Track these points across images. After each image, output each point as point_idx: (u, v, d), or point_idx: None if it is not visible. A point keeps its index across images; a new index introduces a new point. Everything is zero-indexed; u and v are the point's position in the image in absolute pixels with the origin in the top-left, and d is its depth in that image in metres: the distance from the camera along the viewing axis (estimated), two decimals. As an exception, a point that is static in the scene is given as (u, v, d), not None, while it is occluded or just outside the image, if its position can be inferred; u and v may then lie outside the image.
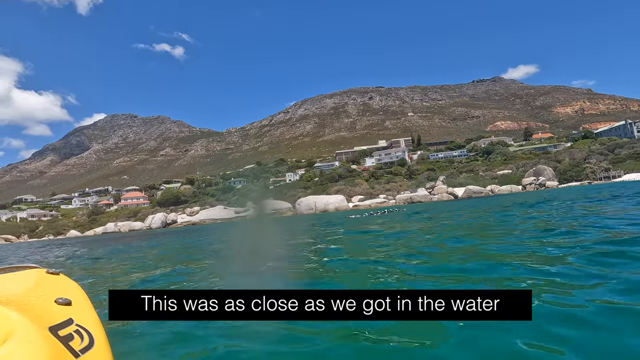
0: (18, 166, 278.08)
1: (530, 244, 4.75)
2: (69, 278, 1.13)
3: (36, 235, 61.65)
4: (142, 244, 14.85)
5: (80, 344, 0.77)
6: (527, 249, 4.40)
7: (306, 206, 46.12)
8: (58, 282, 1.07)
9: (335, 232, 11.04)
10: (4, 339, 0.63)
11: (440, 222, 10.67)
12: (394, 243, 6.57)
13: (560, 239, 4.89)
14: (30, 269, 1.13)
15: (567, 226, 6.11)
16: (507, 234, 6.22)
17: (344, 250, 6.44)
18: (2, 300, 0.76)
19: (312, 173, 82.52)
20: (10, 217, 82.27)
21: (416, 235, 7.80)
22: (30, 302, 0.83)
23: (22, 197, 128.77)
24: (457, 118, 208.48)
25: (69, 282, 1.10)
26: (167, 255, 9.27)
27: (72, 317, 0.83)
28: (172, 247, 11.69)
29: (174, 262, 6.94)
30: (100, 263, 8.63)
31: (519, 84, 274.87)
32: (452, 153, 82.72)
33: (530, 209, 11.49)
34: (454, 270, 3.68)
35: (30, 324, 0.69)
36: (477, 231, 7.49)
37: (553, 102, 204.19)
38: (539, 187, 46.14)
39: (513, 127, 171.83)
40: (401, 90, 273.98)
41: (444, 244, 5.71)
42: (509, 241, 5.27)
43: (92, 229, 59.65)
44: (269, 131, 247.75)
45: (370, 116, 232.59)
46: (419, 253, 5.09)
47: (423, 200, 45.09)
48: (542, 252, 4.13)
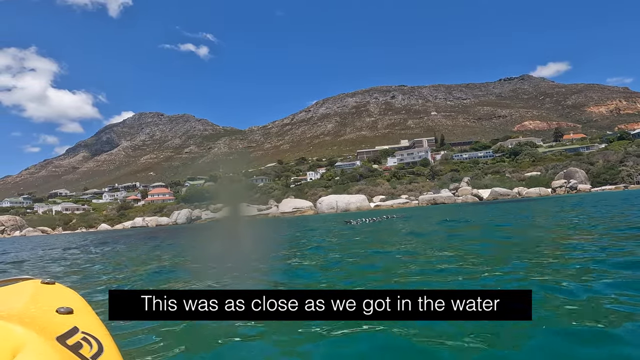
0: (53, 162, 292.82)
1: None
2: (65, 286, 1.11)
3: (69, 228, 64.84)
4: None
5: (90, 351, 0.75)
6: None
7: (327, 205, 46.23)
8: (55, 291, 1.06)
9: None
10: (13, 354, 0.62)
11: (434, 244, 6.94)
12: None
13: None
14: (24, 280, 1.11)
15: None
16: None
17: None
18: (3, 315, 0.74)
19: (333, 172, 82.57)
20: (47, 209, 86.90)
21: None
22: (32, 314, 0.82)
23: (57, 191, 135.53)
24: (483, 117, 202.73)
25: (66, 291, 1.08)
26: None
27: (76, 325, 0.82)
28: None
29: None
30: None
31: (549, 82, 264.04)
32: (477, 153, 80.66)
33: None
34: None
35: (37, 336, 0.67)
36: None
37: (586, 101, 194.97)
38: (570, 191, 44.33)
39: (542, 127, 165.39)
40: (424, 89, 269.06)
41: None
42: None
43: (121, 222, 62.13)
44: (291, 130, 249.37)
45: (392, 115, 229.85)
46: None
47: (447, 201, 44.28)
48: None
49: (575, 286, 2.95)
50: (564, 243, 5.70)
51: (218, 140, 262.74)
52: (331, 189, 64.03)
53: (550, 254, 4.64)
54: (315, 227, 16.45)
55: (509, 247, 5.76)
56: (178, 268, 6.14)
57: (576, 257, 4.29)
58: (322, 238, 10.49)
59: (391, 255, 5.68)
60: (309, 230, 14.27)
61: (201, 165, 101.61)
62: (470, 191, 47.57)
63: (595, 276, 3.24)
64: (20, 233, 57.08)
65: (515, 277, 3.58)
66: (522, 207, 19.52)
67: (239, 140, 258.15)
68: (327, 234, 11.71)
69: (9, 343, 0.64)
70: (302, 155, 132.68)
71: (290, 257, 6.39)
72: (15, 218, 62.66)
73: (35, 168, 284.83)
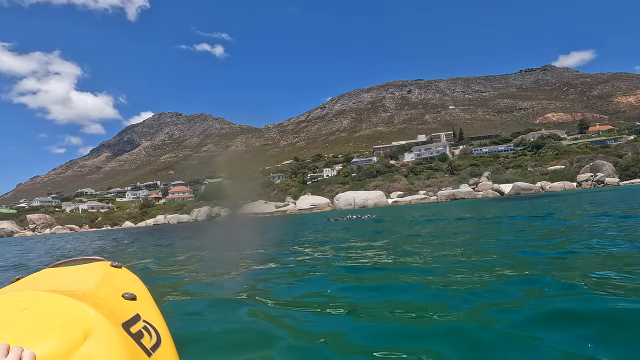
0: (78, 162, 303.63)
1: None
2: (130, 271, 1.15)
3: (95, 226, 67.26)
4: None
5: (150, 342, 0.77)
6: None
7: (345, 202, 46.22)
8: (122, 275, 1.09)
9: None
10: (84, 336, 0.64)
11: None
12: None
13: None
14: (96, 261, 1.17)
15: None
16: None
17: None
18: (78, 294, 0.78)
19: (350, 168, 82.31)
20: (74, 208, 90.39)
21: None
22: (102, 296, 0.85)
23: (82, 190, 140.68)
24: (503, 110, 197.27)
25: (131, 276, 1.12)
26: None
27: (139, 313, 0.84)
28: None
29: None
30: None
31: (573, 72, 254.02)
32: (497, 147, 78.62)
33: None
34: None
35: (107, 321, 0.70)
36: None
37: (613, 91, 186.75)
38: (597, 185, 42.73)
39: (566, 119, 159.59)
40: (441, 82, 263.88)
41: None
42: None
43: (144, 220, 63.97)
44: (306, 127, 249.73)
45: (408, 110, 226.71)
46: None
47: (466, 196, 43.52)
48: None
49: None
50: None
51: (235, 139, 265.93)
52: (348, 185, 63.93)
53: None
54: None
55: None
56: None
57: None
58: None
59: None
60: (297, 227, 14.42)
61: (219, 163, 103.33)
62: (491, 186, 46.56)
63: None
64: (50, 231, 59.62)
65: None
66: (550, 202, 18.90)
67: (256, 138, 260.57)
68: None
69: (82, 324, 0.66)
70: (318, 152, 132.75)
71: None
72: (45, 216, 65.46)
73: (62, 168, 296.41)
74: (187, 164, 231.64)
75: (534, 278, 3.17)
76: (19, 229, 59.81)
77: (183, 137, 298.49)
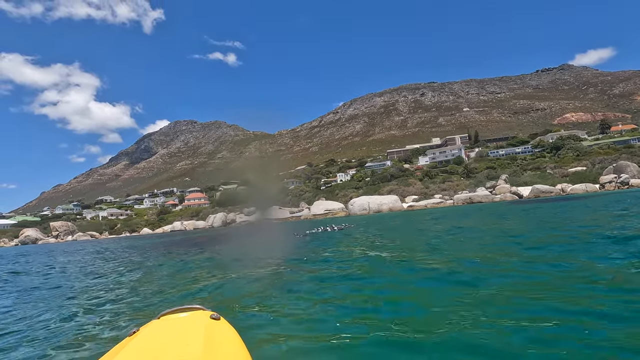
0: (98, 170, 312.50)
1: None
2: (228, 323, 1.16)
3: (114, 232, 68.82)
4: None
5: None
6: None
7: (359, 207, 45.96)
8: (221, 329, 1.09)
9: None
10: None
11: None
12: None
13: None
14: (195, 310, 1.19)
15: None
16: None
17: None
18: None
19: (364, 173, 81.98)
20: (94, 215, 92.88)
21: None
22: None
23: (102, 197, 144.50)
24: (519, 111, 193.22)
25: (229, 330, 1.12)
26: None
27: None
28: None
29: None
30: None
31: (593, 70, 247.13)
32: (514, 149, 77.03)
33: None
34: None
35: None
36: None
37: (635, 89, 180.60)
38: (621, 186, 41.22)
39: (586, 119, 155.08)
40: (455, 84, 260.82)
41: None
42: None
43: (161, 227, 65.09)
44: (319, 132, 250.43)
45: (422, 113, 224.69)
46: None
47: (484, 200, 42.66)
48: None
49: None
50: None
51: (249, 145, 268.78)
52: (362, 190, 63.61)
53: None
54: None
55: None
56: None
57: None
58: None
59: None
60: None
61: (233, 170, 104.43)
62: (509, 189, 45.49)
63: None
64: (72, 238, 61.36)
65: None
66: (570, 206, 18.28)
67: (269, 144, 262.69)
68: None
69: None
70: (332, 157, 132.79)
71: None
72: (67, 224, 67.45)
73: (82, 177, 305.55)
74: (203, 171, 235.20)
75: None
76: (43, 235, 61.79)
77: (198, 144, 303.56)
